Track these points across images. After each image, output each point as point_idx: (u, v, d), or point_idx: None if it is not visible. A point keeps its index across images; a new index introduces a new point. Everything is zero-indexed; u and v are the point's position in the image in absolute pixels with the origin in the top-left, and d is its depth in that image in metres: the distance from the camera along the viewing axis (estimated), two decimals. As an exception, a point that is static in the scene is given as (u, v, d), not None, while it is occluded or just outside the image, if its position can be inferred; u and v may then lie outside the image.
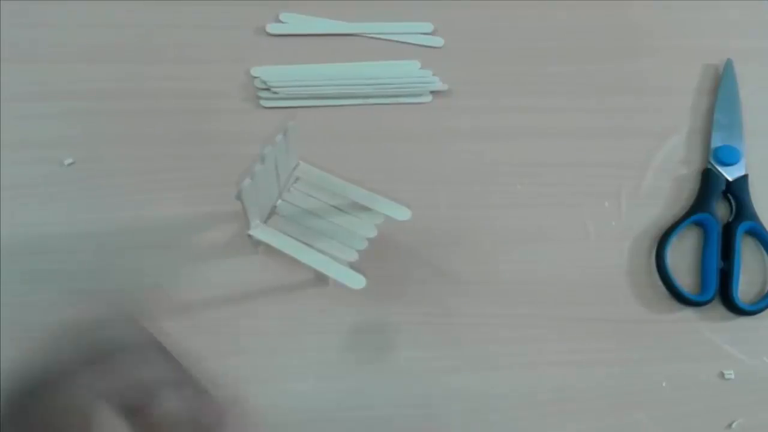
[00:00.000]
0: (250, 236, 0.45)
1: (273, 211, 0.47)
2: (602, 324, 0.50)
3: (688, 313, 0.51)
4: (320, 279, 0.46)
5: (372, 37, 0.56)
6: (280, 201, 0.47)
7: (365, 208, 0.46)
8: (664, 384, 0.49)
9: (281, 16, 0.56)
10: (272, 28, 0.55)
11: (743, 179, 0.53)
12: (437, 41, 0.56)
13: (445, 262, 0.51)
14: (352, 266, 0.45)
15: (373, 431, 0.48)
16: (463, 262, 0.51)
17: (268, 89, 0.53)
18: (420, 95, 0.55)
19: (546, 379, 0.49)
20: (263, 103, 0.53)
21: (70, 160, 0.51)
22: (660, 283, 0.51)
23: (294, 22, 0.56)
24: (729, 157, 0.54)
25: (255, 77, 0.54)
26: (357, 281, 0.43)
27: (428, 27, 0.56)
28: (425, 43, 0.56)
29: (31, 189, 0.50)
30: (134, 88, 0.53)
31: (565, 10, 0.57)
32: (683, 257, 0.53)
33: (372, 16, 0.56)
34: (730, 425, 0.49)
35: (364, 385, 0.48)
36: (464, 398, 0.48)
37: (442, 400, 0.48)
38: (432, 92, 0.55)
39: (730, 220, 0.53)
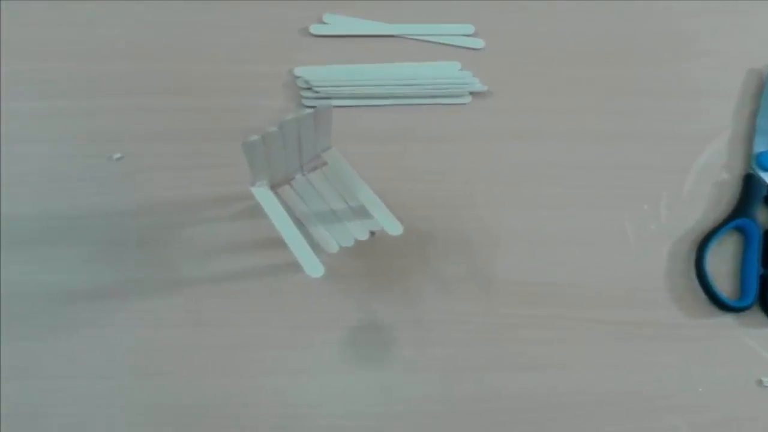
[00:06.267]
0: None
1: (288, 182, 0.47)
2: (640, 327, 0.50)
3: (727, 318, 0.51)
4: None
5: (413, 39, 0.57)
6: (298, 175, 0.47)
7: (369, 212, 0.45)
8: (700, 389, 0.49)
9: (324, 18, 0.57)
10: (315, 28, 0.56)
11: (786, 185, 0.53)
12: (477, 43, 0.57)
13: (483, 262, 0.51)
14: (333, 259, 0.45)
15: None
16: (501, 262, 0.51)
17: (310, 89, 0.54)
18: (459, 96, 0.55)
19: (582, 381, 0.49)
20: (305, 102, 0.54)
21: (118, 155, 0.52)
22: (699, 288, 0.50)
23: (336, 23, 0.57)
24: (772, 162, 0.53)
25: (298, 77, 0.55)
26: (315, 269, 0.42)
27: (469, 29, 0.57)
28: (466, 45, 0.57)
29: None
30: (179, 86, 0.55)
31: (607, 12, 0.57)
32: (723, 262, 0.52)
33: (413, 17, 0.57)
34: (767, 433, 0.48)
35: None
36: (508, 397, 0.48)
37: (488, 398, 0.49)
38: (471, 93, 0.55)
39: (772, 226, 0.52)
